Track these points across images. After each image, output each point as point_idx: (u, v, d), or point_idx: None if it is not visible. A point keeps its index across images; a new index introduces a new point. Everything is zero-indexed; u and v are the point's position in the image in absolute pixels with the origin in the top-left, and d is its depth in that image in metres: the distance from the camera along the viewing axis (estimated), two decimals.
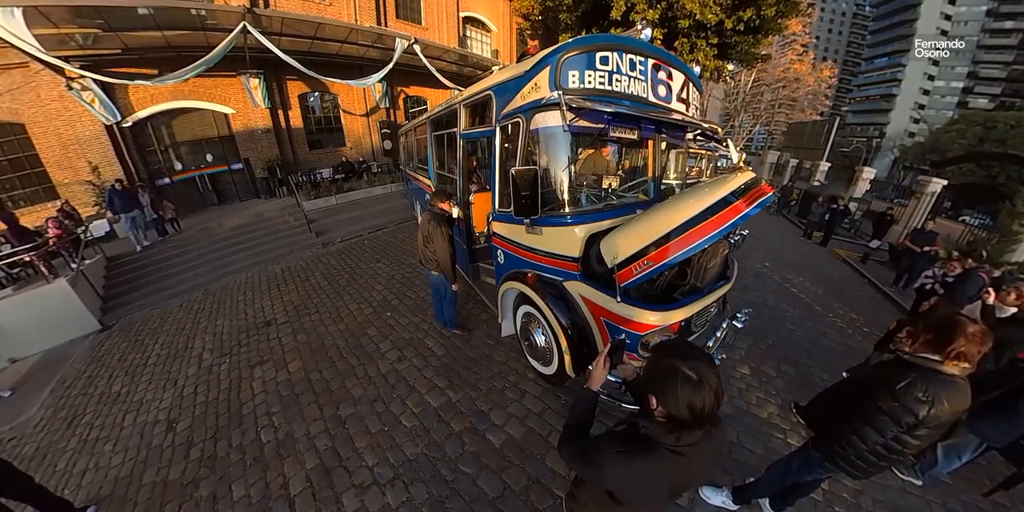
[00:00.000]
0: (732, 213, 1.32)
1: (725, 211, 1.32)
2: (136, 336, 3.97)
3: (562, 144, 1.78)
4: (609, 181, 2.13)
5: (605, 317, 1.68)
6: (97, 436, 2.48)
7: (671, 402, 0.68)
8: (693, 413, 0.66)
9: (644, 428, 0.73)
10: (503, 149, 2.04)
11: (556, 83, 1.60)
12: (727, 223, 1.31)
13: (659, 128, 2.01)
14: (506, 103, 1.90)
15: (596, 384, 0.91)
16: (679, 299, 1.74)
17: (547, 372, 2.18)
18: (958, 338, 0.97)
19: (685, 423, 0.68)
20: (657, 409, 0.71)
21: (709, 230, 1.32)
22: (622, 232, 1.58)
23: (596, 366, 0.92)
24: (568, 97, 1.52)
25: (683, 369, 0.67)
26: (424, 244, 2.43)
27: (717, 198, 1.35)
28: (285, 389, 2.52)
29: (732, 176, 1.45)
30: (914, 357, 1.06)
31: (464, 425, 2.02)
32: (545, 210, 1.77)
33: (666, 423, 0.71)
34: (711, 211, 1.33)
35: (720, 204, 1.34)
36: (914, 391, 0.97)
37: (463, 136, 2.54)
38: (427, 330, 3.02)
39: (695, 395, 0.66)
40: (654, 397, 0.71)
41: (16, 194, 6.20)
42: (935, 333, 1.03)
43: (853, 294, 4.30)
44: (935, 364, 1.01)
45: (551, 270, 1.89)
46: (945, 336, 1.00)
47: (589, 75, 1.65)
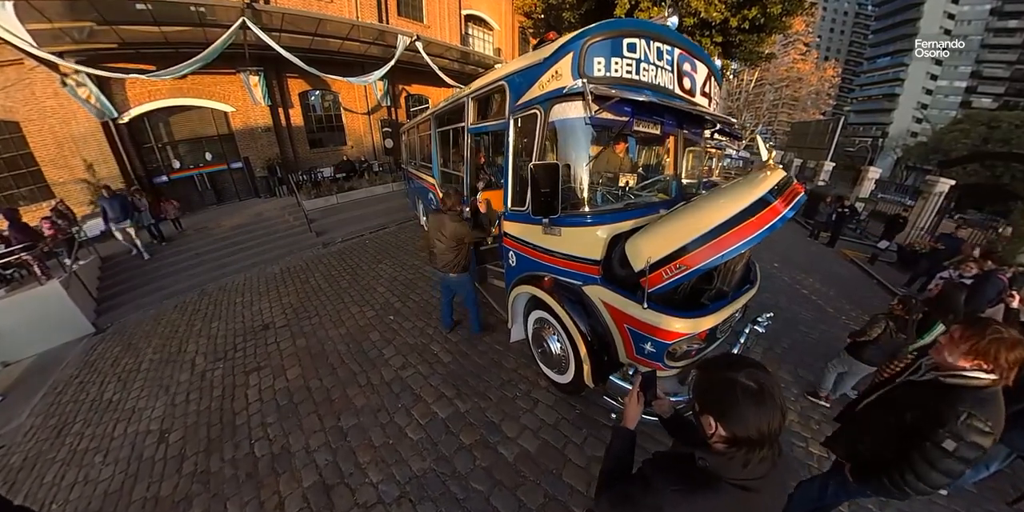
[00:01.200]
0: (771, 214, 1.21)
1: (764, 212, 1.22)
2: (130, 339, 3.85)
3: (583, 138, 1.65)
4: (626, 179, 2.00)
5: (629, 324, 1.55)
6: (87, 446, 2.38)
7: (733, 420, 0.60)
8: (759, 430, 0.58)
9: (702, 460, 0.63)
10: (517, 143, 1.91)
11: (580, 70, 1.47)
12: (767, 225, 1.21)
13: (680, 123, 1.91)
14: (521, 93, 1.77)
15: (632, 422, 0.84)
16: (707, 305, 1.62)
17: (562, 381, 2.06)
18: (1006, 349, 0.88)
19: (751, 444, 0.59)
20: (716, 433, 0.62)
21: (748, 232, 1.22)
22: (650, 233, 1.46)
23: (629, 403, 0.86)
24: (593, 86, 1.40)
25: (741, 380, 0.60)
26: (446, 246, 2.23)
27: (755, 198, 1.24)
28: (283, 398, 2.40)
29: (764, 174, 1.33)
30: (955, 377, 0.95)
31: (474, 438, 1.90)
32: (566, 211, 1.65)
33: (728, 451, 0.62)
34: (750, 212, 1.23)
35: (758, 204, 1.23)
36: (976, 425, 0.88)
37: (471, 131, 2.41)
38: (432, 335, 2.89)
39: (759, 408, 0.58)
40: (711, 417, 0.62)
41: (10, 193, 6.07)
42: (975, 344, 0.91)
43: (864, 296, 4.23)
44: (980, 382, 0.91)
45: (569, 274, 1.77)
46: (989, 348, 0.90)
47: (615, 63, 1.52)
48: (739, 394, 0.59)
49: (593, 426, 1.95)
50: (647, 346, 1.52)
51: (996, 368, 0.90)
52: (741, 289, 1.77)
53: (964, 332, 0.95)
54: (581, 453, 1.79)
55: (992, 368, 0.90)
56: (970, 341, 0.93)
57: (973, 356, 0.92)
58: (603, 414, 2.01)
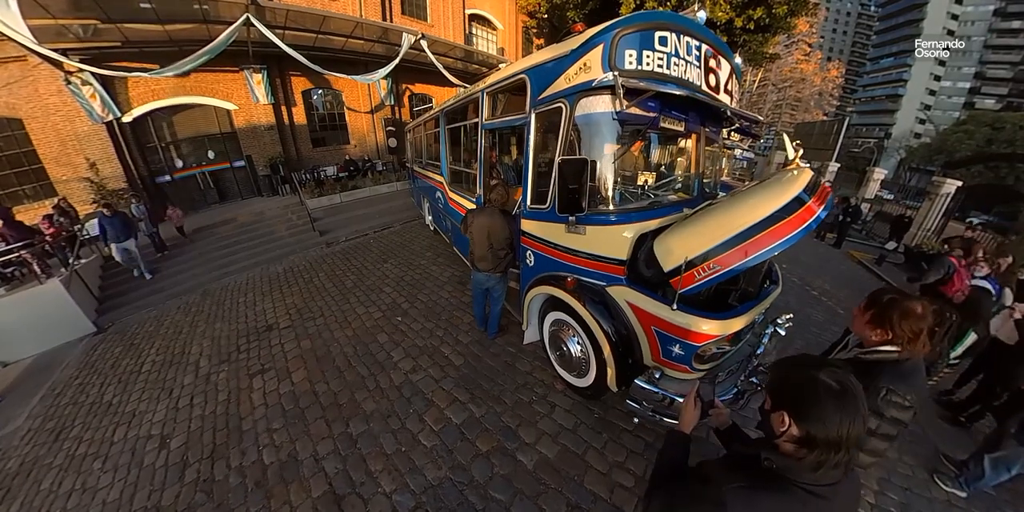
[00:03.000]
0: (807, 214, 1.18)
1: (800, 212, 1.19)
2: (131, 340, 3.78)
3: (610, 134, 1.59)
4: (645, 177, 1.93)
5: (657, 326, 1.48)
6: (86, 451, 2.30)
7: (811, 418, 0.56)
8: (838, 433, 0.54)
9: (768, 460, 0.60)
10: (538, 139, 1.84)
11: (611, 63, 1.40)
12: (803, 225, 1.17)
13: (702, 121, 1.87)
14: (544, 87, 1.69)
15: (688, 427, 0.84)
16: (735, 305, 1.57)
17: (581, 384, 1.98)
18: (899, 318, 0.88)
19: (826, 447, 0.55)
20: (788, 431, 0.58)
21: (785, 232, 1.19)
22: (681, 232, 1.40)
23: (686, 408, 0.86)
24: (625, 79, 1.33)
25: (823, 378, 0.57)
26: (490, 245, 2.13)
27: (790, 197, 1.21)
28: (288, 402, 2.31)
29: (792, 173, 1.31)
30: (871, 353, 0.95)
31: (491, 444, 1.81)
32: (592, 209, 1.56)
33: (798, 451, 0.58)
34: (786, 211, 1.19)
35: (794, 204, 1.19)
36: (895, 400, 0.86)
37: (486, 127, 2.33)
38: (442, 337, 2.80)
39: (841, 409, 0.55)
40: (786, 414, 0.59)
41: (13, 191, 6.02)
42: (872, 315, 0.93)
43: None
44: (891, 355, 0.91)
45: (593, 274, 1.69)
46: (884, 317, 0.91)
47: (647, 56, 1.45)
48: (820, 392, 0.56)
49: (613, 430, 1.87)
50: (675, 348, 1.46)
51: (895, 338, 0.89)
52: (766, 289, 1.72)
53: (865, 303, 0.96)
54: (602, 459, 1.72)
55: (892, 337, 0.89)
56: (868, 311, 0.94)
57: (874, 327, 0.92)
58: (623, 418, 1.94)
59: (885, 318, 0.90)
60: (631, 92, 1.36)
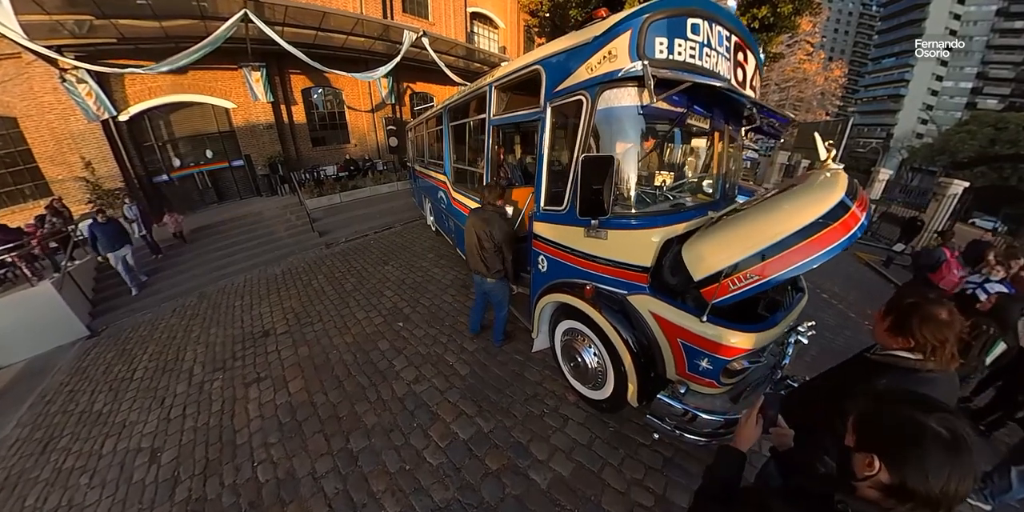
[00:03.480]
0: (852, 221, 1.09)
1: (845, 218, 1.09)
2: (124, 344, 3.67)
3: (634, 130, 1.47)
4: (667, 178, 1.81)
5: (684, 339, 1.37)
6: (73, 465, 2.19)
7: (910, 468, 0.49)
8: (941, 489, 0.47)
9: (842, 504, 0.54)
10: (554, 136, 1.72)
11: (639, 51, 1.27)
12: (849, 233, 1.08)
13: (727, 118, 1.77)
14: (561, 79, 1.57)
15: (745, 444, 0.78)
16: (766, 316, 1.46)
17: (596, 397, 1.87)
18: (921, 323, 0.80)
19: (923, 503, 0.48)
20: (875, 477, 0.52)
21: (830, 240, 1.08)
22: (713, 238, 1.28)
23: (745, 423, 0.79)
24: (655, 70, 1.21)
25: (932, 425, 0.50)
26: (481, 247, 2.06)
27: (834, 201, 1.11)
28: (285, 414, 2.20)
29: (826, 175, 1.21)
30: (883, 355, 0.88)
31: (502, 462, 1.70)
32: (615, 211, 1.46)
33: (885, 501, 0.51)
34: (831, 217, 1.10)
35: (839, 209, 1.11)
36: None
37: (494, 123, 2.22)
38: (446, 344, 2.69)
39: (951, 463, 0.47)
40: (876, 457, 0.53)
41: (8, 191, 5.91)
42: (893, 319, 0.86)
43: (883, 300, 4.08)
44: (907, 362, 0.83)
45: (612, 282, 1.58)
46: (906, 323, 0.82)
47: (679, 45, 1.32)
48: (927, 440, 0.49)
49: (630, 445, 1.77)
50: (703, 363, 1.36)
51: (917, 346, 0.80)
52: (794, 298, 1.61)
53: (884, 308, 0.88)
54: (620, 476, 1.62)
55: (914, 346, 0.81)
56: (888, 317, 0.86)
57: (894, 334, 0.84)
58: (640, 431, 1.83)
59: (905, 324, 0.82)
60: (661, 84, 1.24)
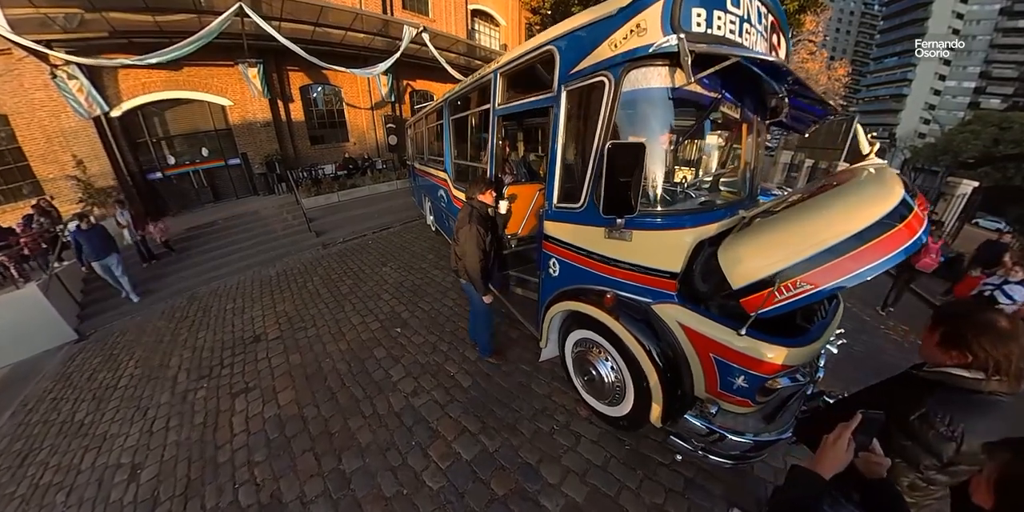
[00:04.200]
0: (917, 223, 0.96)
1: (910, 219, 0.96)
2: (111, 349, 3.51)
3: (665, 116, 1.31)
4: (698, 177, 1.64)
5: (717, 354, 1.22)
6: (51, 480, 2.05)
7: None
8: None
9: None
10: (569, 124, 1.54)
11: (674, 23, 1.10)
12: (915, 236, 0.95)
13: (756, 109, 1.60)
14: (579, 59, 1.39)
15: (829, 470, 0.64)
16: (807, 327, 1.30)
17: (613, 414, 1.71)
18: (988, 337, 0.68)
19: None
20: None
21: (895, 244, 0.94)
22: (755, 240, 1.13)
23: (834, 445, 0.65)
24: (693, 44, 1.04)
25: None
26: (453, 245, 1.95)
27: (896, 199, 0.97)
28: (273, 429, 2.04)
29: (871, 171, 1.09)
30: (934, 372, 0.77)
31: (509, 486, 1.54)
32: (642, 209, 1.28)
33: None
34: (895, 217, 0.96)
35: (902, 209, 0.97)
36: (933, 423, 0.71)
37: (499, 113, 2.05)
38: (447, 352, 2.53)
39: None
40: None
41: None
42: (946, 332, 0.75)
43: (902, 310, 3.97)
44: (965, 382, 0.72)
45: (635, 289, 1.42)
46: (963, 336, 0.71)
47: (718, 17, 1.15)
48: None
49: (648, 466, 1.61)
50: (738, 380, 1.21)
51: (976, 362, 0.70)
52: (831, 306, 1.46)
53: (932, 320, 0.79)
54: (639, 501, 1.47)
55: (971, 362, 0.71)
56: (937, 329, 0.76)
57: (947, 348, 0.74)
58: (658, 450, 1.68)
59: (959, 336, 0.71)
60: (698, 62, 1.07)
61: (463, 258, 1.87)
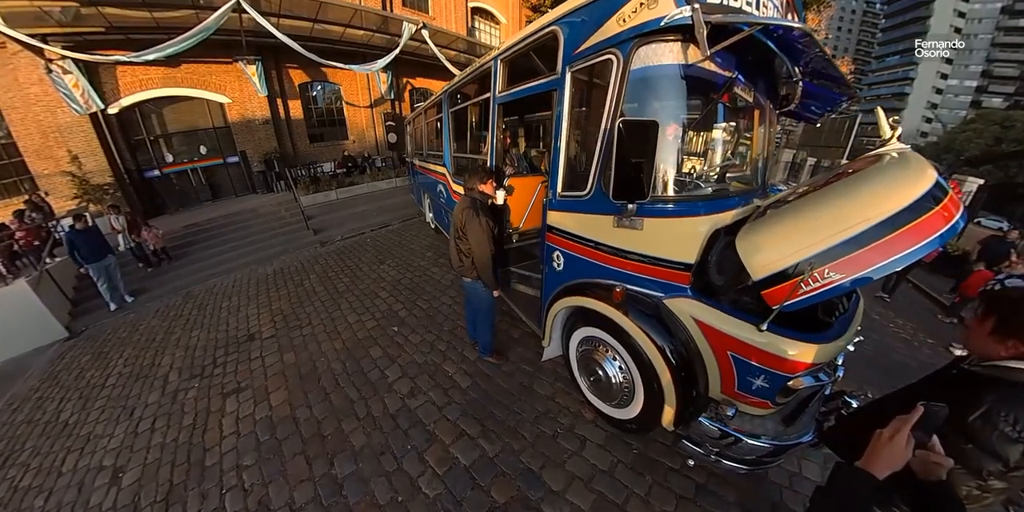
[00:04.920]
0: (954, 206, 0.89)
1: (946, 203, 0.89)
2: (102, 347, 3.43)
3: (676, 96, 1.21)
4: (711, 164, 1.54)
5: (736, 351, 1.13)
6: (30, 484, 1.96)
7: None
8: None
9: None
10: (574, 106, 1.45)
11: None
12: (951, 222, 0.88)
13: (769, 94, 1.53)
14: (584, 38, 1.31)
15: (885, 469, 0.57)
16: (830, 321, 1.21)
17: (620, 416, 1.62)
18: None
19: None
20: None
21: (932, 228, 0.87)
22: (776, 227, 1.04)
23: (891, 441, 0.57)
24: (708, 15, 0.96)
25: None
26: (456, 241, 1.84)
27: (930, 182, 0.90)
28: (264, 431, 1.95)
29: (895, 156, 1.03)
30: (987, 366, 0.70)
31: (510, 494, 1.45)
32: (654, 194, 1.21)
33: None
34: (931, 200, 0.89)
35: (937, 192, 0.89)
36: (996, 424, 0.64)
37: (499, 101, 1.96)
38: (445, 351, 2.44)
39: None
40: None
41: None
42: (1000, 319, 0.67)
43: (903, 301, 4.00)
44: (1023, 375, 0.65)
45: (646, 282, 1.33)
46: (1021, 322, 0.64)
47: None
48: None
49: (657, 471, 1.52)
50: (758, 380, 1.12)
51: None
52: (852, 300, 1.37)
53: (983, 308, 0.71)
54: (648, 509, 1.38)
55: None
56: (989, 317, 0.69)
57: (1002, 338, 0.67)
58: (667, 453, 1.59)
59: (1015, 323, 0.65)
60: (713, 36, 0.98)
61: (474, 252, 1.74)
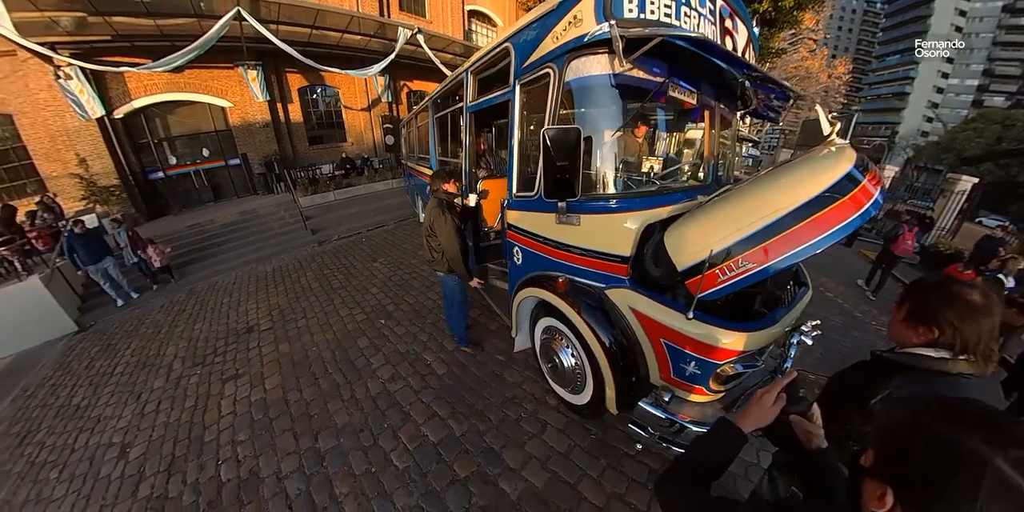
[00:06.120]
0: (863, 196, 0.93)
1: (855, 192, 0.93)
2: (110, 340, 3.64)
3: (608, 103, 1.35)
4: (663, 164, 1.66)
5: (668, 339, 1.24)
6: (46, 459, 2.17)
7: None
8: None
9: None
10: (524, 115, 1.62)
11: (606, 11, 1.16)
12: (861, 209, 0.93)
13: (717, 95, 1.62)
14: (529, 53, 1.46)
15: (750, 424, 0.62)
16: (764, 313, 1.30)
17: (576, 401, 1.77)
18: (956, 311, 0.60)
19: None
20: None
21: (839, 218, 0.92)
22: (698, 221, 1.15)
23: (760, 401, 0.63)
24: (624, 29, 1.10)
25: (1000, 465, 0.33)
26: (427, 238, 2.04)
27: (841, 173, 0.95)
28: (258, 411, 2.14)
29: (829, 150, 1.05)
30: (897, 353, 0.70)
31: (471, 469, 1.62)
32: (587, 193, 1.34)
33: None
34: (838, 191, 0.94)
35: (846, 182, 0.94)
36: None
37: (470, 109, 2.15)
38: (426, 342, 2.62)
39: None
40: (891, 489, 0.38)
41: (3, 187, 5.93)
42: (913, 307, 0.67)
43: (890, 299, 4.05)
44: (930, 362, 0.64)
45: (589, 274, 1.47)
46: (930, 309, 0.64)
47: (651, 3, 1.20)
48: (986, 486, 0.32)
49: (613, 455, 1.65)
50: (689, 366, 1.21)
51: (943, 339, 0.62)
52: (797, 293, 1.46)
53: (901, 295, 0.71)
54: (599, 489, 1.50)
55: (938, 338, 0.63)
56: (905, 304, 0.69)
57: (914, 324, 0.66)
58: (625, 440, 1.72)
59: (927, 309, 0.64)
60: (632, 46, 1.12)
61: (444, 248, 1.94)
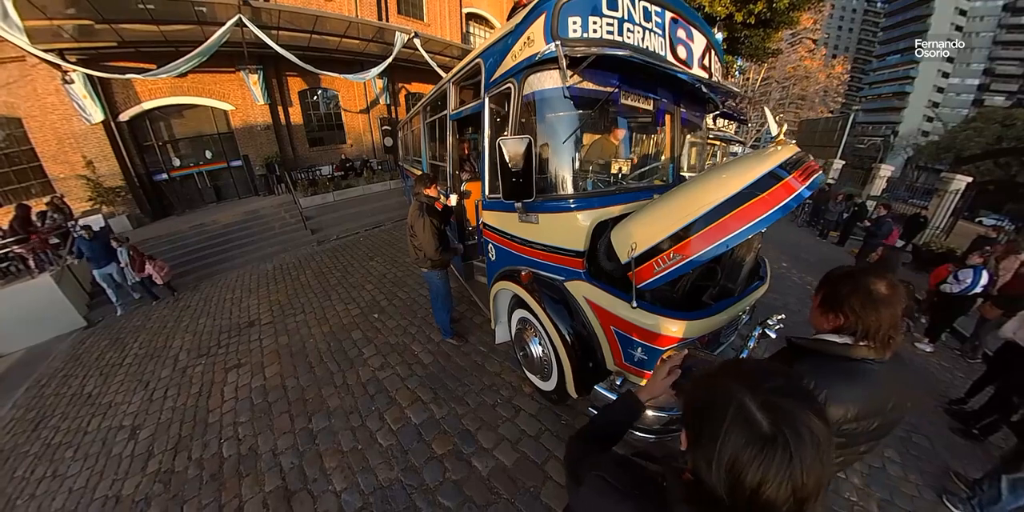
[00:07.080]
0: (784, 191, 1.00)
1: (775, 189, 1.01)
2: (118, 334, 3.83)
3: (562, 112, 1.50)
4: (619, 165, 1.78)
5: (616, 326, 1.38)
6: (60, 440, 2.35)
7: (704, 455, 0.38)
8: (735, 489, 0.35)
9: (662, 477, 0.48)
10: (492, 124, 1.78)
11: (553, 32, 1.29)
12: (779, 204, 1.00)
13: (677, 100, 1.74)
14: (496, 69, 1.63)
15: (648, 394, 0.67)
16: (711, 304, 1.43)
17: (545, 388, 1.92)
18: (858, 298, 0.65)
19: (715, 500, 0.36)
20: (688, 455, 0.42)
21: (757, 212, 1.01)
22: (638, 218, 1.29)
23: (657, 374, 0.68)
24: (568, 48, 1.24)
25: (749, 406, 0.37)
26: (410, 238, 2.22)
27: (763, 172, 1.04)
28: (258, 396, 2.32)
29: (772, 150, 1.13)
30: (807, 339, 0.75)
31: (447, 447, 1.77)
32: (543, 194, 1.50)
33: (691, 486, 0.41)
34: (758, 188, 1.03)
35: (768, 180, 1.03)
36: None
37: (453, 117, 2.31)
38: (415, 334, 2.80)
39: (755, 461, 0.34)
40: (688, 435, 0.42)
41: (13, 188, 6.14)
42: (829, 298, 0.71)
43: None
44: (834, 347, 0.69)
45: (549, 267, 1.63)
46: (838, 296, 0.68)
47: (594, 22, 1.33)
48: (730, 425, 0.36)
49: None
50: (637, 352, 1.31)
51: (846, 325, 0.66)
52: (750, 287, 1.57)
53: (820, 283, 0.75)
54: (563, 470, 1.66)
55: (843, 324, 0.67)
56: (820, 292, 0.73)
57: (824, 310, 0.71)
58: None
59: (835, 298, 0.68)
60: (575, 62, 1.26)
61: (423, 247, 2.13)
